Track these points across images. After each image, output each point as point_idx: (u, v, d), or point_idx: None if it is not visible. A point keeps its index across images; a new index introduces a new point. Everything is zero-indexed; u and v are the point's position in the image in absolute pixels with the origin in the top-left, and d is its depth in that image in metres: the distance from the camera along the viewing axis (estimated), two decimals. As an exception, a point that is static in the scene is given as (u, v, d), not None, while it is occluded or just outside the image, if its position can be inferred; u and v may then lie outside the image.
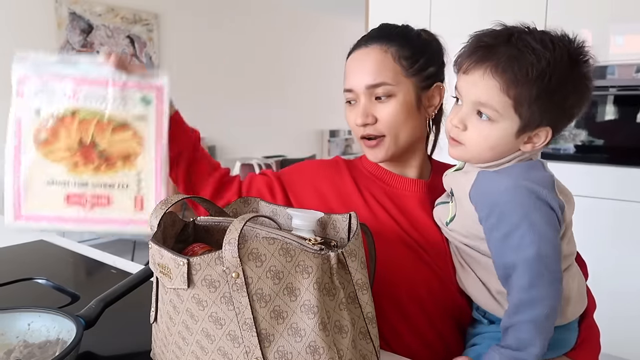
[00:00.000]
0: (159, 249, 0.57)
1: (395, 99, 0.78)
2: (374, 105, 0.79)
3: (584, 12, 2.01)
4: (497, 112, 0.64)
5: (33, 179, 0.79)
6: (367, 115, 0.79)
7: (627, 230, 1.98)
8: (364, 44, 0.81)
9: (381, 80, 0.78)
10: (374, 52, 0.79)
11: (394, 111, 0.78)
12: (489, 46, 0.65)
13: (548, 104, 0.63)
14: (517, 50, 0.63)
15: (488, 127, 0.65)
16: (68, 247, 1.20)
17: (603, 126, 2.04)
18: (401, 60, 0.78)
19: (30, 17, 3.74)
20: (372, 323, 0.60)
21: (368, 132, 0.80)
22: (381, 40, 0.80)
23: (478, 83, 0.64)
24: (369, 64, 0.79)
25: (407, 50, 0.79)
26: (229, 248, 0.52)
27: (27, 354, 0.62)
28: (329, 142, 6.73)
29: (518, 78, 0.62)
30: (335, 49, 7.42)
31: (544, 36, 0.64)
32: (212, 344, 0.55)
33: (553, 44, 0.63)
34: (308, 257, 0.54)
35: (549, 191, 0.65)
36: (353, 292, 0.59)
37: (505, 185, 0.66)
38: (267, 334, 0.53)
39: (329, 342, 0.54)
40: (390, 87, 0.78)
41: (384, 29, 0.84)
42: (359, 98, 0.80)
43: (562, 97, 0.64)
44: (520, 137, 0.66)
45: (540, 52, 0.62)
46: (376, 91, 0.78)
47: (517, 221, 0.63)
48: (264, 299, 0.53)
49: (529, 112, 0.63)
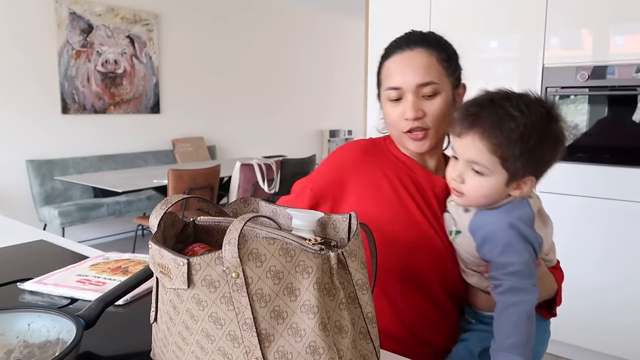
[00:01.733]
0: (158, 249, 0.57)
1: (440, 97, 0.90)
2: (421, 101, 0.90)
3: (584, 12, 2.01)
4: (487, 168, 0.79)
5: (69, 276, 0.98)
6: (418, 110, 0.89)
7: (626, 230, 1.98)
8: (408, 48, 0.91)
9: (430, 80, 0.89)
10: (421, 55, 0.90)
11: (440, 107, 0.90)
12: (474, 114, 0.79)
13: (529, 159, 0.77)
14: (498, 118, 0.77)
15: (481, 180, 0.80)
16: (68, 247, 1.20)
17: (603, 126, 2.04)
18: (442, 63, 0.90)
19: (30, 17, 3.74)
20: (372, 323, 0.60)
21: (417, 124, 0.90)
22: (424, 44, 0.91)
23: (470, 146, 0.79)
24: (418, 65, 0.89)
25: (444, 54, 0.91)
26: (229, 248, 0.52)
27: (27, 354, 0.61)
28: (329, 142, 6.73)
29: (501, 142, 0.76)
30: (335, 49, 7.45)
31: (520, 101, 0.77)
32: (212, 344, 0.55)
33: (528, 109, 0.76)
34: (308, 257, 0.54)
35: (527, 227, 0.81)
36: (353, 292, 0.59)
37: (494, 220, 0.82)
38: (267, 334, 0.53)
39: (329, 342, 0.54)
40: (436, 85, 0.89)
41: (420, 35, 0.93)
42: (406, 95, 0.90)
43: (541, 152, 0.78)
44: (510, 186, 0.80)
45: (518, 118, 0.75)
46: (424, 89, 0.89)
47: (502, 248, 0.80)
48: (264, 299, 0.53)
49: (514, 166, 0.77)
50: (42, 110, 3.89)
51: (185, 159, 4.79)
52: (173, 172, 3.07)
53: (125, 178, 3.51)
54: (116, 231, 4.47)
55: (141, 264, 1.03)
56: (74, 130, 4.11)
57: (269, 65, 5.89)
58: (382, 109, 0.97)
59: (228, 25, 5.32)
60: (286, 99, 6.20)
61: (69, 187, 3.98)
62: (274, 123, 6.08)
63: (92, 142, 4.24)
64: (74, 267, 1.02)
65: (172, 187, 3.07)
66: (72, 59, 4.01)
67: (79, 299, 0.88)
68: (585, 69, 2.02)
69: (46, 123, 3.92)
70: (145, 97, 4.57)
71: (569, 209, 2.09)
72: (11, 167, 3.77)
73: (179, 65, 4.87)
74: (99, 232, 4.33)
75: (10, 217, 1.60)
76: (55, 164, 3.93)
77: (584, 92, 2.05)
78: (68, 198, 3.99)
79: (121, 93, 4.39)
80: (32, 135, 3.85)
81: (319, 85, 6.66)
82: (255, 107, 5.79)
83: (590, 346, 2.11)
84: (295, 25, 6.20)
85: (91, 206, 3.81)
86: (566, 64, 2.06)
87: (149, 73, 4.58)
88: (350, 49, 6.98)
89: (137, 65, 4.48)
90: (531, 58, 2.15)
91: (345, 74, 6.99)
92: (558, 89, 2.09)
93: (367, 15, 2.69)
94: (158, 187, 3.29)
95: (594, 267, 2.05)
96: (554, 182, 2.12)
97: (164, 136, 4.79)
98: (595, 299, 2.05)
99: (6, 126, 3.71)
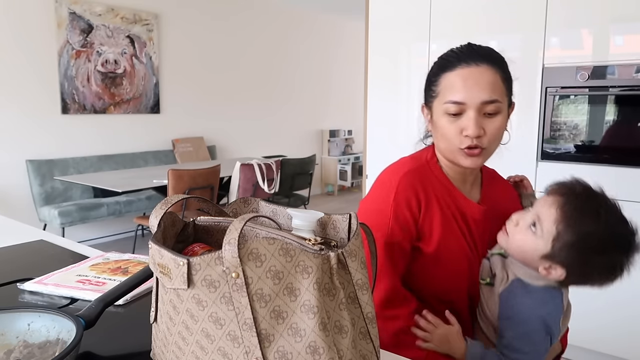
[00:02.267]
0: (158, 249, 0.57)
1: (501, 115, 0.89)
2: (482, 119, 0.88)
3: (584, 12, 2.01)
4: (542, 233, 0.81)
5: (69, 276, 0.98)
6: (480, 128, 0.88)
7: (627, 230, 1.98)
8: (474, 62, 0.88)
9: (495, 98, 0.87)
10: (488, 72, 0.87)
11: (499, 126, 0.89)
12: (566, 193, 0.85)
13: (576, 256, 0.78)
14: (583, 206, 0.81)
15: (529, 237, 0.83)
16: (68, 247, 1.20)
17: (603, 126, 2.04)
18: (504, 82, 0.89)
19: (30, 17, 3.74)
20: (372, 323, 0.60)
21: (476, 143, 0.88)
22: (489, 61, 0.88)
23: (545, 210, 0.83)
24: (486, 81, 0.87)
25: (505, 73, 0.90)
26: (229, 248, 0.52)
27: (27, 354, 0.61)
28: (329, 142, 6.73)
29: (569, 226, 0.79)
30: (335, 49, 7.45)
31: (609, 210, 0.82)
32: (212, 344, 0.55)
33: (610, 223, 0.80)
34: (308, 257, 0.54)
35: (554, 323, 0.85)
36: (353, 292, 0.59)
37: (527, 307, 0.84)
38: (267, 334, 0.53)
39: (329, 342, 0.54)
40: (500, 104, 0.88)
41: (487, 51, 0.91)
42: (467, 111, 0.88)
43: (590, 263, 0.79)
44: (543, 261, 0.82)
45: (597, 221, 0.79)
46: (488, 107, 0.87)
47: (522, 334, 0.84)
48: (264, 299, 0.53)
49: (558, 248, 0.79)
50: (42, 110, 3.89)
51: (185, 159, 4.79)
52: (173, 172, 3.07)
53: (125, 178, 3.51)
54: (116, 231, 4.47)
55: (141, 264, 1.03)
56: (74, 130, 4.11)
57: (269, 65, 5.89)
58: (434, 120, 0.94)
59: (228, 25, 5.32)
60: (286, 99, 6.20)
61: (69, 187, 3.98)
62: (274, 123, 6.08)
63: (92, 142, 4.24)
64: (74, 267, 1.02)
65: (172, 187, 3.07)
66: (72, 59, 4.01)
67: (79, 299, 0.88)
68: (585, 69, 2.02)
69: (46, 123, 3.92)
70: (145, 97, 4.57)
71: (569, 209, 2.09)
72: (11, 167, 3.77)
73: (179, 65, 4.87)
74: (99, 232, 4.33)
75: (10, 217, 1.60)
76: (55, 164, 3.93)
77: (584, 92, 2.05)
78: (68, 198, 3.99)
79: (121, 93, 4.39)
80: (32, 135, 3.85)
81: (319, 85, 6.66)
82: (255, 107, 5.79)
83: (590, 346, 2.11)
84: (295, 25, 6.20)
85: (91, 206, 3.81)
86: (566, 64, 2.06)
87: (149, 73, 4.58)
88: (350, 49, 6.98)
89: (137, 65, 4.48)
90: (531, 58, 2.14)
91: (345, 74, 6.99)
92: (558, 89, 2.09)
93: (367, 15, 2.69)
94: (158, 187, 3.29)
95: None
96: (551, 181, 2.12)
97: (164, 136, 4.79)
98: (595, 299, 2.05)
99: (6, 126, 3.71)
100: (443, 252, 0.92)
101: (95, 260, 1.06)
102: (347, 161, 6.71)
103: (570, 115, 2.10)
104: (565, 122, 2.11)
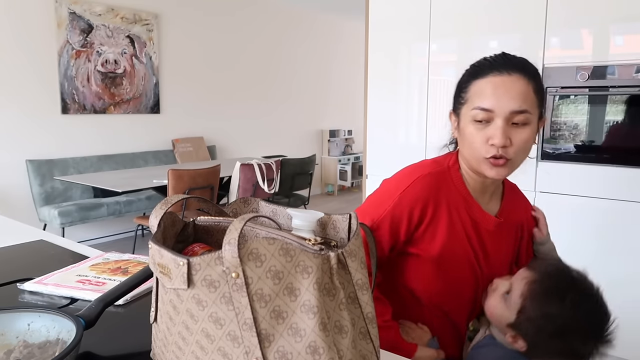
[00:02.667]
0: (158, 249, 0.57)
1: (529, 127, 0.87)
2: (510, 129, 0.86)
3: (584, 12, 2.01)
4: (512, 302, 0.85)
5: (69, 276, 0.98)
6: (507, 138, 0.85)
7: (626, 230, 1.98)
8: (506, 72, 0.87)
9: (525, 108, 0.85)
10: (520, 82, 0.86)
11: (527, 138, 0.86)
12: (553, 287, 0.84)
13: (536, 333, 0.81)
14: (554, 289, 0.82)
15: (499, 304, 0.88)
16: (68, 247, 1.20)
17: (603, 126, 2.04)
18: (536, 94, 0.87)
19: (30, 17, 3.74)
20: (372, 323, 0.60)
21: (501, 153, 0.86)
22: (522, 71, 0.87)
23: (522, 285, 0.86)
24: (517, 91, 0.85)
25: (538, 84, 0.88)
26: (229, 248, 0.52)
27: (27, 354, 0.61)
28: (329, 142, 6.73)
29: (535, 308, 0.82)
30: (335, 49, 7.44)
31: (582, 299, 0.81)
32: (212, 344, 0.55)
33: (577, 311, 0.80)
34: (308, 257, 0.54)
35: None
36: (353, 292, 0.59)
37: (496, 356, 0.89)
38: (267, 334, 0.53)
39: (329, 342, 0.54)
40: (530, 115, 0.86)
41: (521, 61, 0.90)
42: (495, 120, 0.86)
43: (548, 343, 0.81)
44: (509, 330, 0.85)
45: (563, 307, 0.80)
46: (517, 117, 0.85)
47: None
48: (264, 299, 0.53)
49: (524, 320, 0.82)
50: (42, 110, 3.89)
51: (185, 159, 4.79)
52: (173, 172, 3.07)
53: (125, 178, 3.51)
54: (116, 231, 4.47)
55: (141, 264, 1.03)
56: (74, 130, 4.11)
57: (269, 65, 5.89)
58: (461, 127, 0.93)
59: (228, 25, 5.32)
60: (286, 99, 6.20)
61: (69, 187, 3.98)
62: (274, 123, 6.08)
63: (92, 142, 4.24)
64: (74, 267, 1.02)
65: (172, 187, 3.07)
66: (72, 59, 4.01)
67: (79, 299, 0.88)
68: (585, 69, 2.02)
69: (46, 123, 3.92)
70: (145, 97, 4.57)
71: (568, 209, 2.09)
72: (11, 167, 3.77)
73: (179, 65, 4.87)
74: (99, 232, 4.33)
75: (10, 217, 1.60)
76: (55, 164, 3.93)
77: (584, 92, 2.05)
78: (68, 198, 3.99)
79: (121, 93, 4.38)
80: (32, 135, 3.85)
81: (319, 85, 6.65)
82: (255, 107, 5.79)
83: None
84: (295, 25, 6.20)
85: (91, 206, 3.81)
86: (566, 64, 2.06)
87: (149, 73, 4.58)
88: (350, 49, 6.97)
89: (137, 65, 4.48)
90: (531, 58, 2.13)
91: (345, 74, 6.99)
92: (558, 89, 2.09)
93: (367, 15, 2.69)
94: (158, 187, 3.29)
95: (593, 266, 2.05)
96: (552, 181, 2.12)
97: (164, 136, 4.79)
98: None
99: (6, 126, 3.71)
100: (446, 257, 0.92)
101: (95, 261, 1.06)
102: (347, 161, 6.71)
103: (570, 115, 2.10)
104: (565, 122, 2.11)
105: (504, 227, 0.97)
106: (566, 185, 2.10)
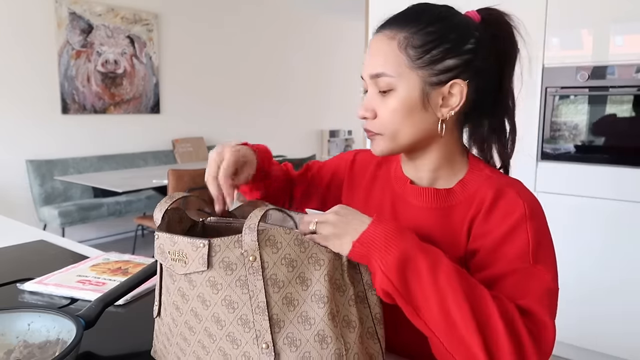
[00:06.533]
0: (170, 236, 0.58)
1: (394, 94, 0.69)
2: (378, 98, 0.71)
3: (584, 12, 2.01)
4: None
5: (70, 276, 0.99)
6: (367, 110, 0.72)
7: (626, 231, 1.98)
8: (379, 29, 0.74)
9: (381, 71, 0.69)
10: (380, 41, 0.72)
11: (393, 107, 0.70)
12: None
13: None
14: None
15: None
16: (68, 247, 1.20)
17: (603, 126, 2.04)
18: (408, 50, 0.68)
19: (30, 17, 3.74)
20: (380, 324, 0.61)
21: (367, 126, 0.74)
22: (393, 25, 0.72)
23: None
24: (374, 51, 0.72)
25: (418, 38, 0.69)
26: (249, 232, 0.54)
27: (27, 354, 0.62)
28: (329, 142, 6.73)
29: None
30: (335, 49, 7.43)
31: None
32: (221, 330, 0.55)
33: None
34: (320, 251, 0.57)
35: None
36: (362, 291, 0.60)
37: None
38: (278, 320, 0.55)
39: (337, 333, 0.55)
40: (389, 78, 0.69)
41: (408, 10, 0.75)
42: (368, 89, 0.74)
43: None
44: None
45: None
46: (378, 82, 0.70)
47: None
48: (277, 285, 0.55)
49: None
50: (42, 110, 3.89)
51: (185, 159, 4.79)
52: (173, 172, 3.07)
53: (125, 178, 3.51)
54: (116, 231, 4.47)
55: (141, 265, 1.03)
56: (74, 130, 4.11)
57: (269, 65, 5.89)
58: None
59: (228, 25, 5.32)
60: (286, 99, 6.20)
61: (69, 187, 3.98)
62: (274, 123, 6.08)
63: (92, 142, 4.24)
64: (74, 267, 1.02)
65: (172, 187, 3.07)
66: (72, 59, 4.01)
67: (79, 299, 0.88)
68: (585, 69, 2.02)
69: (46, 123, 3.92)
70: (145, 97, 4.57)
71: (567, 209, 2.09)
72: (11, 167, 3.77)
73: (179, 65, 4.87)
74: (99, 232, 4.33)
75: (10, 217, 1.60)
76: (55, 164, 3.93)
77: (584, 92, 2.05)
78: (68, 198, 3.99)
79: (121, 93, 4.39)
80: (32, 135, 3.85)
81: (319, 85, 6.66)
82: (255, 107, 5.79)
83: (590, 346, 2.11)
84: (295, 25, 6.20)
85: (91, 206, 3.81)
86: (566, 64, 2.06)
87: (149, 73, 4.58)
88: (350, 49, 6.97)
89: (137, 65, 4.48)
90: (531, 58, 2.14)
91: (345, 74, 6.99)
92: (558, 89, 2.09)
93: (367, 15, 2.69)
94: (158, 187, 3.29)
95: (594, 266, 2.05)
96: (551, 181, 2.12)
97: (164, 136, 4.79)
98: (595, 299, 2.05)
99: (6, 126, 3.71)
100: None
101: (95, 261, 1.06)
102: (347, 161, 6.70)
103: (570, 115, 2.10)
104: (565, 122, 2.11)
105: (432, 213, 0.75)
106: (566, 185, 2.10)
